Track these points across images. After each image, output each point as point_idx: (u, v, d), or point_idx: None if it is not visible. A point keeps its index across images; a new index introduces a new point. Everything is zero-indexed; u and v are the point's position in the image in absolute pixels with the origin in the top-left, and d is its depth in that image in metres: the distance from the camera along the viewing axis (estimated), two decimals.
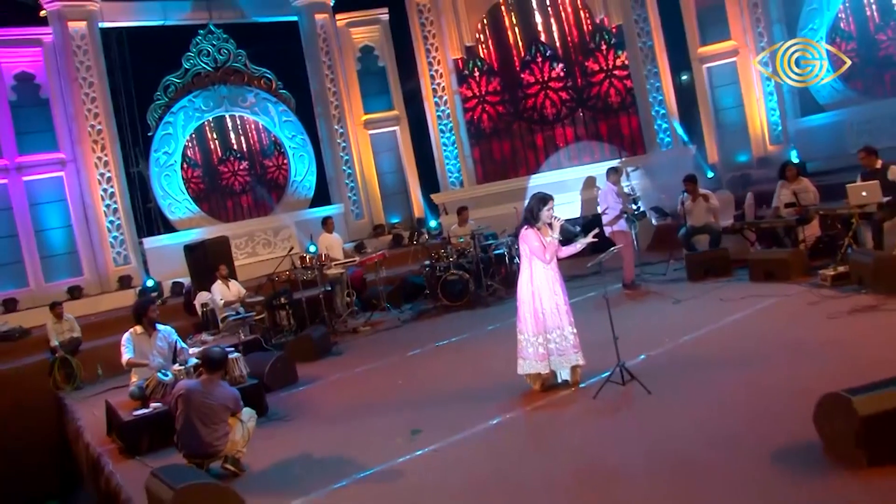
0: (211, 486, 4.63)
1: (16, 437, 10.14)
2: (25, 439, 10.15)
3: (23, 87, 15.17)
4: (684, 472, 4.17)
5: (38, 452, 10.10)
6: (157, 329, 7.47)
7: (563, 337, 6.08)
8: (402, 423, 6.07)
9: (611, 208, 10.50)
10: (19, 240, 14.77)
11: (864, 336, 6.22)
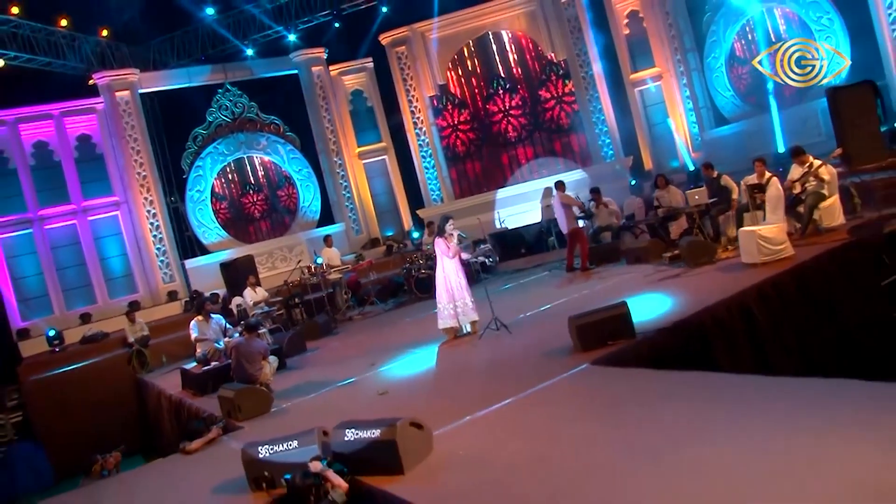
0: (252, 388, 8.43)
1: (108, 408, 13.99)
2: (114, 409, 13.99)
3: (83, 145, 19.11)
4: (504, 365, 7.89)
5: (124, 417, 13.90)
6: (211, 317, 11.29)
7: (465, 304, 9.81)
8: (366, 360, 9.85)
9: (560, 218, 13.91)
10: (87, 267, 18.68)
11: (647, 289, 9.89)
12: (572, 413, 5.71)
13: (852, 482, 3.55)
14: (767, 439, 4.26)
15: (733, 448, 4.26)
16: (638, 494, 4.03)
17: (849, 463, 3.75)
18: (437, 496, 4.65)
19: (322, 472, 5.04)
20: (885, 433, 3.95)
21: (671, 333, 7.56)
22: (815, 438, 4.12)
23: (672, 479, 4.07)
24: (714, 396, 5.33)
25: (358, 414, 6.24)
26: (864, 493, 3.42)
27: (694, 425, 4.78)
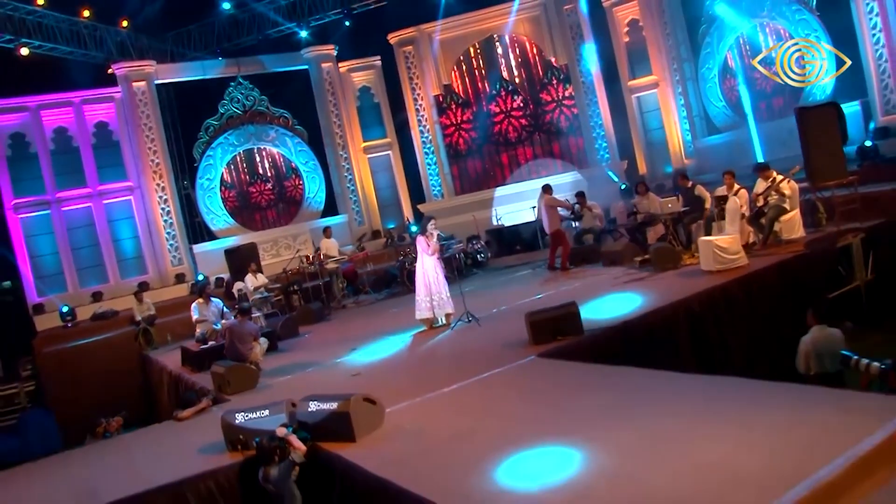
0: (241, 366, 9.34)
1: (114, 381, 14.95)
2: (121, 382, 14.95)
3: (100, 132, 20.08)
4: (465, 353, 8.77)
5: (129, 389, 14.85)
6: (211, 300, 12.21)
7: (441, 297, 10.68)
8: (349, 345, 10.76)
9: (544, 217, 14.79)
10: (101, 248, 19.68)
11: (612, 290, 10.72)
12: (507, 396, 6.59)
13: (703, 462, 4.39)
14: (653, 424, 5.10)
15: (623, 429, 5.11)
16: (534, 450, 4.90)
17: (705, 445, 4.59)
18: (379, 460, 5.52)
19: (286, 436, 5.93)
20: (745, 424, 4.79)
21: (618, 332, 8.41)
22: (689, 424, 4.96)
23: (564, 450, 4.93)
24: (629, 388, 6.18)
25: (331, 391, 7.12)
26: (712, 471, 4.26)
27: (601, 411, 5.63)
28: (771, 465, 4.11)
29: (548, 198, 14.41)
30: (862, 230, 11.39)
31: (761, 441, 4.43)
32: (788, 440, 4.37)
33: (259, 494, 5.98)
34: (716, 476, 4.14)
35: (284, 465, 5.81)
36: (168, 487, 5.91)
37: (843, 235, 11.32)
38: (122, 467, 6.91)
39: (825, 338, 6.98)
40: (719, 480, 4.07)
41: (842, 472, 3.88)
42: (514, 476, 4.72)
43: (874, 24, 16.13)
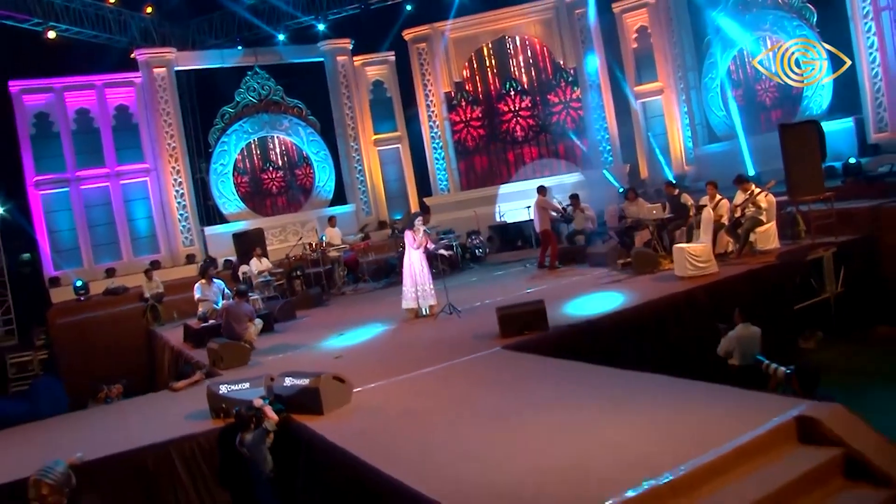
0: (235, 344, 10.08)
1: (122, 353, 15.76)
2: (127, 354, 15.76)
3: (120, 115, 20.86)
4: (439, 342, 9.45)
5: (135, 362, 15.63)
6: (213, 281, 12.96)
7: (425, 289, 11.38)
8: (339, 330, 11.48)
9: (536, 217, 15.45)
10: (116, 226, 20.50)
11: (592, 290, 11.35)
12: (465, 382, 7.27)
13: (608, 442, 5.06)
14: (578, 410, 5.77)
15: (553, 413, 5.78)
16: (475, 437, 5.57)
17: (614, 429, 5.26)
18: (340, 432, 6.21)
19: (262, 407, 6.63)
20: (652, 413, 5.45)
21: (582, 329, 9.06)
22: (606, 412, 5.63)
23: (503, 432, 5.61)
24: (571, 379, 6.85)
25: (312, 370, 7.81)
26: (613, 451, 4.93)
27: (545, 399, 6.29)
28: (663, 448, 4.76)
29: (541, 199, 15.04)
30: (834, 245, 11.95)
31: (660, 429, 5.10)
32: (684, 429, 5.03)
33: (236, 457, 6.69)
34: (615, 455, 4.81)
35: (259, 432, 6.51)
36: (155, 447, 6.66)
37: (815, 249, 11.89)
38: (117, 429, 7.67)
39: (749, 335, 8.13)
40: (617, 458, 4.74)
41: (719, 458, 4.53)
42: (460, 449, 5.40)
43: (871, 42, 16.58)
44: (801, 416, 4.84)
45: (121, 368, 14.67)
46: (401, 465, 5.15)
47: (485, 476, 4.78)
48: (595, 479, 4.45)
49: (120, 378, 12.70)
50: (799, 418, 4.84)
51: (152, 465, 6.54)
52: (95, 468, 6.24)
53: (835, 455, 4.62)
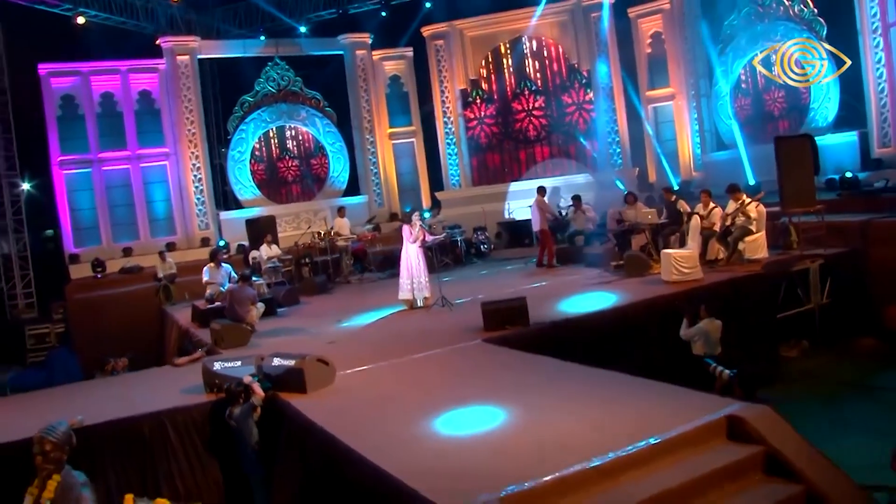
0: (236, 325, 10.66)
1: (134, 329, 16.42)
2: (139, 331, 16.41)
3: (143, 100, 21.54)
4: (426, 332, 9.97)
5: (146, 338, 16.28)
6: (221, 265, 13.56)
7: (420, 282, 11.91)
8: (337, 316, 12.04)
9: (535, 216, 15.95)
10: (135, 208, 21.21)
11: (582, 290, 11.81)
12: (441, 370, 7.80)
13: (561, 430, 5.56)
14: (539, 399, 6.27)
15: (511, 403, 6.28)
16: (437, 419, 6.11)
17: (567, 418, 5.76)
18: (320, 409, 6.75)
19: (250, 384, 7.18)
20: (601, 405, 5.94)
21: (562, 326, 9.53)
22: (564, 402, 6.13)
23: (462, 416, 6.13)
24: (538, 371, 7.35)
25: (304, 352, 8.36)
26: (559, 437, 5.43)
27: (507, 388, 6.79)
28: (600, 437, 5.26)
29: (539, 199, 15.53)
30: (822, 257, 12.31)
31: (603, 419, 5.61)
32: (623, 420, 5.52)
33: (225, 429, 7.25)
34: (555, 440, 5.32)
35: (246, 406, 7.06)
36: (151, 415, 7.24)
37: (802, 261, 12.26)
38: (119, 398, 8.26)
39: (713, 328, 8.87)
40: (556, 443, 5.25)
41: (649, 448, 5.02)
42: (421, 429, 5.93)
43: (878, 58, 16.88)
44: (730, 415, 5.30)
45: (132, 344, 15.40)
46: (366, 440, 5.68)
47: (437, 453, 5.31)
48: (532, 460, 4.94)
49: (130, 353, 13.45)
50: (729, 417, 5.30)
51: (148, 432, 7.12)
52: (95, 432, 6.83)
53: (756, 452, 5.08)
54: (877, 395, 10.46)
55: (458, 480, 4.68)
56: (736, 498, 4.79)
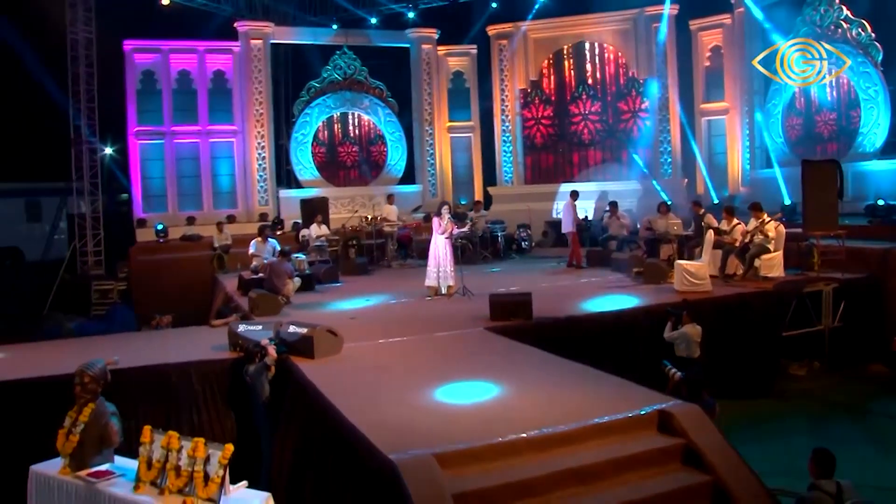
0: (272, 295, 11.72)
1: (188, 292, 17.71)
2: (192, 294, 17.67)
3: (217, 79, 22.90)
4: (438, 317, 10.83)
5: (197, 301, 17.46)
6: (268, 240, 14.69)
7: (446, 271, 12.76)
8: (366, 296, 13.01)
9: (566, 218, 16.71)
10: (201, 179, 22.65)
11: (600, 292, 12.48)
12: (437, 350, 8.66)
13: (511, 405, 6.36)
14: (507, 380, 7.08)
15: (484, 381, 7.11)
16: (419, 389, 6.96)
17: (521, 398, 6.55)
18: (320, 372, 7.68)
19: (266, 346, 8.17)
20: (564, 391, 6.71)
21: (561, 323, 10.26)
22: (537, 387, 6.92)
23: (442, 389, 6.98)
24: (521, 360, 8.13)
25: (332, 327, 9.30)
26: (510, 412, 6.23)
27: (487, 369, 7.60)
28: (544, 415, 6.04)
29: (571, 203, 16.24)
30: (838, 280, 12.70)
31: (552, 402, 6.39)
32: (570, 404, 6.30)
33: (241, 384, 8.27)
34: (506, 413, 6.12)
35: (260, 365, 8.05)
36: (179, 365, 8.33)
37: (815, 283, 12.67)
38: (156, 348, 9.41)
39: (694, 333, 9.44)
40: (506, 416, 6.05)
41: (581, 429, 5.80)
42: (401, 396, 6.81)
43: None
44: (662, 410, 6.01)
45: (184, 305, 16.62)
46: (350, 401, 6.57)
47: (402, 415, 6.18)
48: (477, 428, 5.77)
49: (181, 313, 14.68)
50: (660, 411, 6.02)
51: (175, 378, 8.19)
52: (130, 374, 7.92)
53: (678, 444, 5.79)
54: (870, 419, 10.93)
55: (407, 437, 5.53)
56: (649, 480, 5.51)
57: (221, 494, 5.96)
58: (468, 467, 5.19)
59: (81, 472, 6.68)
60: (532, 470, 5.28)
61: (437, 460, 5.03)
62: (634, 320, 10.77)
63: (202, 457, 6.05)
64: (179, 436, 6.31)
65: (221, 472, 5.95)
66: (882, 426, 10.62)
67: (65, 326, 14.26)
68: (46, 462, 6.96)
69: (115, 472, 6.62)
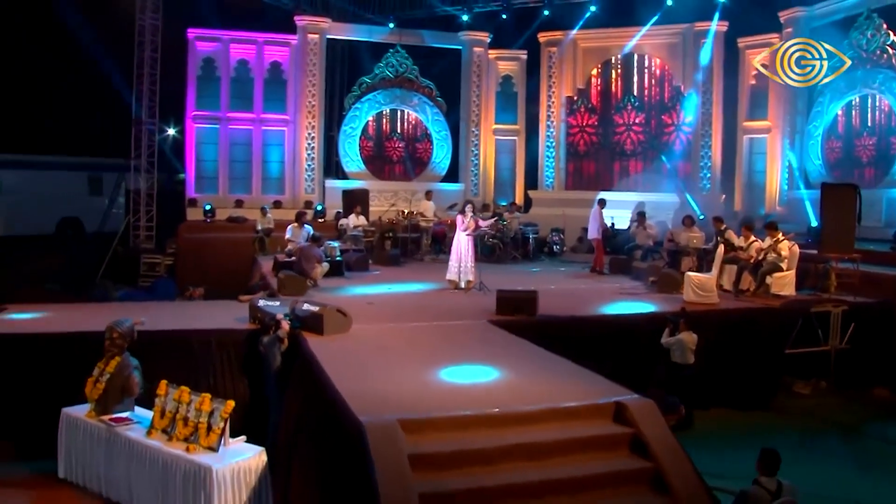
0: (299, 278, 12.55)
1: (230, 271, 18.63)
2: (235, 273, 18.59)
3: (273, 70, 23.93)
4: (450, 308, 11.51)
5: (237, 280, 18.35)
6: (304, 226, 15.56)
7: (466, 266, 13.42)
8: (388, 284, 13.77)
9: (592, 225, 17.25)
10: (252, 165, 23.74)
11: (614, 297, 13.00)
12: (437, 336, 9.35)
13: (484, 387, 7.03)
14: (491, 365, 7.74)
15: (470, 365, 7.77)
16: (409, 368, 7.66)
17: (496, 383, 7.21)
18: (323, 347, 8.43)
19: (280, 320, 8.97)
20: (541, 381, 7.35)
21: (564, 322, 10.84)
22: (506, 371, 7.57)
23: (431, 370, 7.67)
24: (511, 351, 8.75)
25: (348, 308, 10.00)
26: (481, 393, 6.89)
27: (475, 355, 8.26)
28: (511, 397, 6.67)
29: (599, 210, 16.72)
30: (849, 304, 12.95)
31: (522, 387, 7.01)
32: (538, 389, 6.92)
33: (256, 354, 9.09)
34: (476, 394, 6.77)
35: (273, 336, 8.85)
36: (201, 332, 9.19)
37: (823, 304, 12.95)
38: (184, 316, 10.32)
39: (689, 340, 10.17)
40: (474, 396, 6.70)
41: (540, 411, 6.42)
42: (391, 373, 7.52)
43: None
44: (618, 402, 6.59)
45: (224, 283, 17.52)
46: (342, 372, 7.30)
47: (384, 387, 6.89)
48: (448, 403, 6.44)
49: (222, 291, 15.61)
50: (617, 402, 6.59)
51: (196, 344, 9.06)
52: (156, 336, 8.81)
53: (628, 433, 6.36)
54: (862, 440, 11.18)
55: (381, 404, 6.23)
56: (595, 461, 6.09)
57: (220, 444, 6.77)
58: (428, 435, 5.87)
59: (104, 416, 7.59)
60: (485, 442, 5.92)
61: (401, 425, 5.71)
62: (636, 325, 11.27)
63: (207, 410, 6.88)
64: (190, 391, 7.16)
65: (222, 425, 6.76)
66: (871, 447, 10.87)
67: (112, 294, 15.31)
68: (76, 406, 7.89)
69: (133, 420, 7.52)
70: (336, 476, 6.02)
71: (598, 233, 16.79)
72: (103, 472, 7.41)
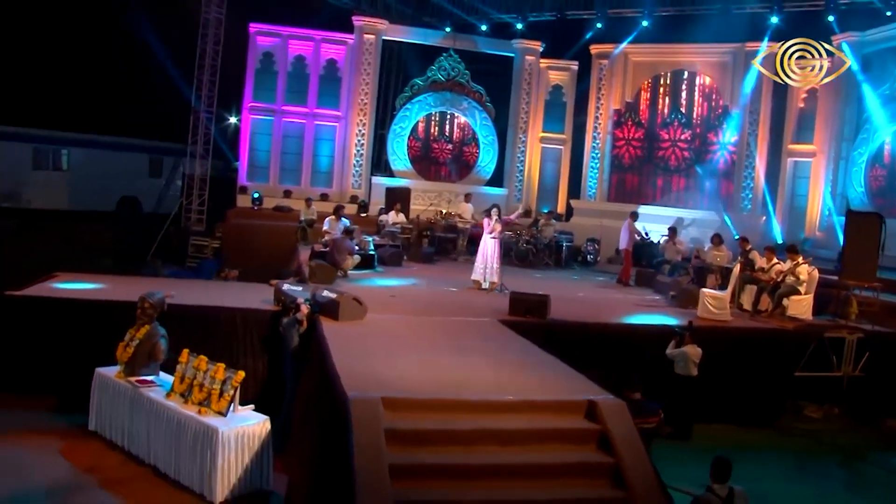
0: (329, 267, 13.28)
1: (273, 258, 19.51)
2: (277, 259, 19.46)
3: (329, 67, 24.81)
4: (465, 305, 12.09)
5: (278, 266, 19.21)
6: (341, 219, 16.31)
7: (491, 268, 13.97)
8: (413, 279, 14.41)
9: (623, 236, 17.64)
10: (302, 157, 24.66)
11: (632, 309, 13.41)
12: (445, 330, 9.95)
13: (471, 378, 7.60)
14: (483, 359, 8.30)
15: (464, 358, 8.35)
16: (410, 356, 8.28)
17: (483, 374, 7.78)
18: (335, 331, 9.10)
19: (301, 303, 9.68)
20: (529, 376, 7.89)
21: (572, 327, 11.31)
22: (496, 364, 8.13)
23: (427, 359, 8.27)
24: (509, 347, 9.30)
25: (370, 299, 10.71)
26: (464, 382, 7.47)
27: (472, 349, 8.83)
28: (493, 388, 7.23)
29: (630, 223, 17.11)
30: (865, 332, 13.07)
31: (506, 379, 7.56)
32: (521, 382, 7.46)
33: (276, 333, 9.82)
34: (470, 382, 7.36)
35: (292, 318, 9.56)
36: (228, 309, 9.99)
37: (838, 330, 13.10)
38: (217, 294, 11.12)
39: (693, 353, 10.58)
40: (467, 383, 7.29)
41: (516, 401, 6.96)
42: (391, 359, 8.15)
43: None
44: (591, 399, 7.10)
45: (265, 269, 18.38)
46: (345, 353, 7.97)
47: (383, 371, 7.52)
48: (435, 387, 7.05)
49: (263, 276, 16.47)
50: (589, 400, 7.10)
51: (223, 320, 9.85)
52: (185, 310, 9.62)
53: (596, 429, 6.85)
54: (860, 466, 11.31)
55: (371, 384, 6.85)
56: (562, 452, 6.61)
57: (230, 410, 7.49)
58: (407, 413, 6.47)
59: (132, 377, 8.41)
60: (461, 425, 6.50)
61: (383, 403, 6.34)
62: (645, 336, 11.65)
63: (220, 378, 7.61)
64: (207, 360, 7.91)
65: (232, 392, 7.49)
66: (871, 474, 11.02)
67: (160, 272, 16.28)
68: (109, 367, 8.72)
69: (156, 383, 8.32)
70: (324, 444, 6.68)
71: (628, 244, 17.14)
72: (127, 427, 8.22)
